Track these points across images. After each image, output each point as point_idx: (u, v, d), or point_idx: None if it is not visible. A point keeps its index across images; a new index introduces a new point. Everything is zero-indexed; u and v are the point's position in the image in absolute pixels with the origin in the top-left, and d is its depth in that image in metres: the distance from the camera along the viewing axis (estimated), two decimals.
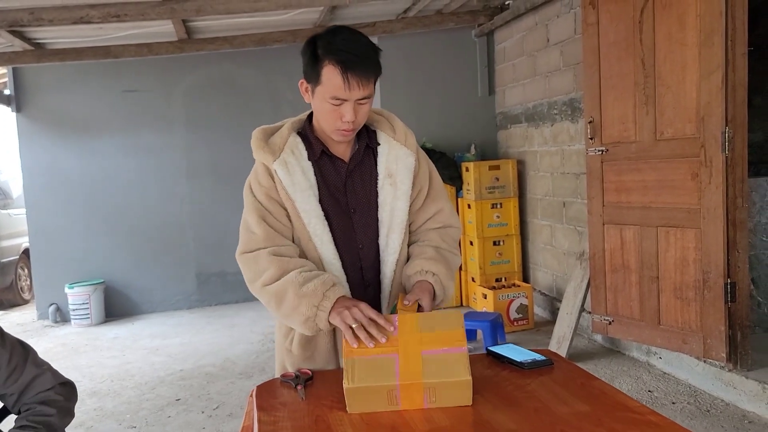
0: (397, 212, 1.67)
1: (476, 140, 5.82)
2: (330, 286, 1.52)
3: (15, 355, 1.57)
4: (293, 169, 1.61)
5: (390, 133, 1.70)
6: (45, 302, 6.24)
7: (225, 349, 4.89)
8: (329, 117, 1.56)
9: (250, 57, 6.05)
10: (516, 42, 5.43)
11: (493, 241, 5.38)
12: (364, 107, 1.56)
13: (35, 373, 1.58)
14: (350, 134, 1.60)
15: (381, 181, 1.68)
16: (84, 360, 4.84)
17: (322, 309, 1.50)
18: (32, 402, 1.57)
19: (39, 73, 5.97)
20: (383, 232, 1.68)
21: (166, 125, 6.28)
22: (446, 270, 1.66)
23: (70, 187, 6.18)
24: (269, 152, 1.61)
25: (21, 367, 1.56)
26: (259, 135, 1.65)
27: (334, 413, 1.37)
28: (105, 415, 3.66)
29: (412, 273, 1.65)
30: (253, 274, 1.59)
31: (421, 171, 1.73)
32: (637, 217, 3.55)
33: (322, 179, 1.65)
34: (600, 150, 3.70)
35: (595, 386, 1.48)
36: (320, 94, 1.54)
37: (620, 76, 3.55)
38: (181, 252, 6.39)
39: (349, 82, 1.49)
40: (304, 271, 1.55)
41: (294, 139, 1.65)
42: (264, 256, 1.57)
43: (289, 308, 1.53)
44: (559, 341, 4.13)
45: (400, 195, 1.67)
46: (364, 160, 1.69)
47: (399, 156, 1.69)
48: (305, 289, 1.51)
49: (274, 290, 1.55)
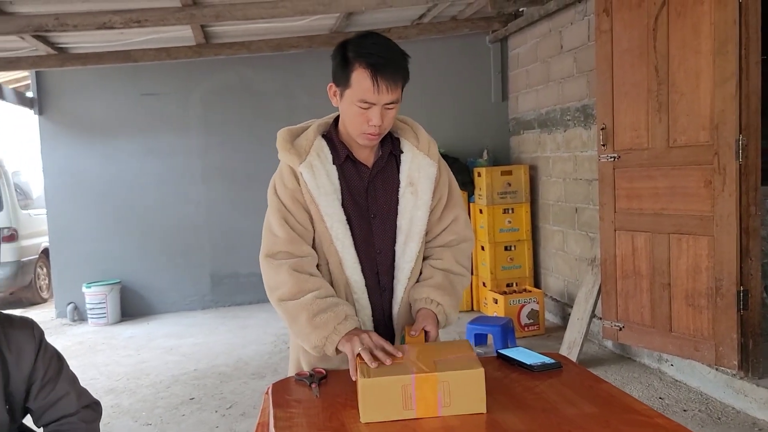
0: (416, 221, 1.71)
1: (489, 145, 5.85)
2: (342, 320, 1.57)
3: (51, 368, 1.58)
4: (318, 172, 1.64)
5: (414, 141, 1.73)
6: (63, 301, 6.35)
7: (238, 349, 4.95)
8: (356, 121, 1.59)
9: (267, 62, 6.12)
10: (530, 48, 5.46)
11: (504, 246, 5.40)
12: (390, 112, 1.60)
13: (62, 393, 1.59)
14: (376, 139, 1.63)
15: (402, 188, 1.71)
16: (101, 358, 4.92)
17: (331, 342, 1.57)
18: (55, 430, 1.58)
19: (61, 76, 6.08)
20: (401, 239, 1.71)
21: (183, 128, 6.36)
22: (451, 299, 1.72)
23: (88, 189, 6.29)
24: (295, 154, 1.64)
25: (53, 382, 1.58)
26: (285, 136, 1.68)
27: (348, 411, 1.42)
28: (121, 412, 3.73)
29: (418, 298, 1.71)
30: (273, 284, 1.65)
31: (442, 181, 1.76)
32: (648, 223, 3.57)
33: (346, 183, 1.68)
34: (612, 156, 3.72)
35: (603, 389, 1.51)
36: (349, 97, 1.58)
37: (633, 83, 3.57)
38: (196, 253, 6.46)
39: (379, 85, 1.53)
40: (320, 296, 1.59)
41: (320, 143, 1.68)
42: (285, 269, 1.61)
43: (301, 333, 1.61)
44: (569, 347, 4.14)
45: (421, 204, 1.71)
46: (386, 166, 1.72)
47: (421, 165, 1.72)
48: (318, 320, 1.57)
49: (289, 310, 1.61)
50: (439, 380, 1.35)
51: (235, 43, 5.41)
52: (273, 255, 1.65)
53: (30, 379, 1.55)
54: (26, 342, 1.54)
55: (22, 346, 1.53)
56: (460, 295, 1.79)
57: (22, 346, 1.53)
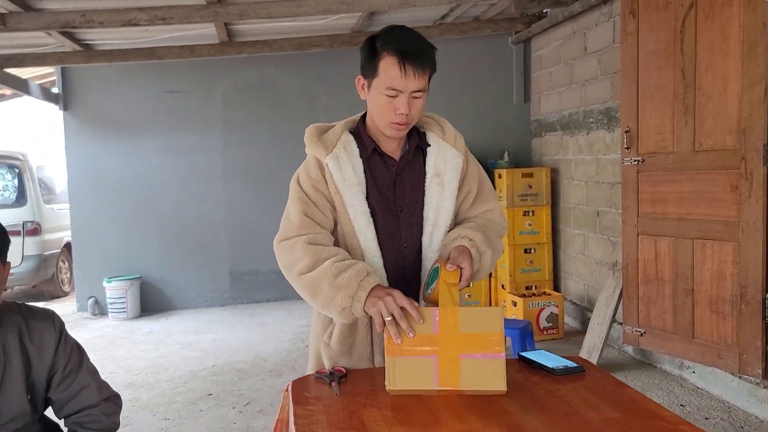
0: (442, 211, 1.71)
1: (510, 147, 5.82)
2: (364, 276, 1.54)
3: (72, 360, 1.60)
4: (344, 164, 1.66)
5: (440, 134, 1.75)
6: (84, 295, 6.42)
7: (256, 346, 4.97)
8: (384, 110, 1.60)
9: (288, 61, 6.15)
10: (553, 50, 5.41)
11: (524, 249, 5.37)
12: (418, 102, 1.61)
13: (83, 385, 1.60)
14: (403, 129, 1.64)
15: (429, 180, 1.72)
16: (120, 352, 4.97)
17: (357, 299, 1.53)
18: (77, 423, 1.60)
19: (85, 72, 6.15)
20: (427, 230, 1.71)
21: (204, 126, 6.41)
22: (483, 237, 1.66)
23: (110, 185, 6.36)
24: (322, 147, 1.66)
25: (74, 373, 1.60)
26: (313, 131, 1.71)
27: (369, 410, 1.41)
28: (140, 406, 3.77)
29: (449, 240, 1.67)
30: (289, 262, 1.63)
31: (470, 173, 1.77)
32: (672, 228, 3.52)
33: (372, 177, 1.69)
34: (636, 160, 3.67)
35: (626, 394, 1.49)
36: (376, 86, 1.60)
37: (659, 86, 3.52)
38: (215, 251, 6.51)
39: (406, 70, 1.55)
40: (338, 260, 1.58)
41: (347, 137, 1.70)
42: (299, 245, 1.61)
43: (325, 299, 1.56)
44: (589, 351, 4.10)
45: (447, 194, 1.71)
46: (413, 160, 1.73)
47: (447, 156, 1.73)
48: (340, 280, 1.54)
49: (309, 281, 1.58)
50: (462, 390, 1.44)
51: (258, 42, 5.44)
52: (287, 238, 1.65)
53: (51, 370, 1.57)
54: (48, 333, 1.56)
55: (44, 337, 1.55)
56: (494, 246, 1.70)
57: (43, 337, 1.55)
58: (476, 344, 1.44)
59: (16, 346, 1.51)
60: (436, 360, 1.44)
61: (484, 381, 1.43)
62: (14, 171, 7.35)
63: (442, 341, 1.44)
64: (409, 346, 1.44)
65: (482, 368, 1.43)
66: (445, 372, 1.43)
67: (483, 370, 1.43)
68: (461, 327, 1.44)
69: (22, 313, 1.56)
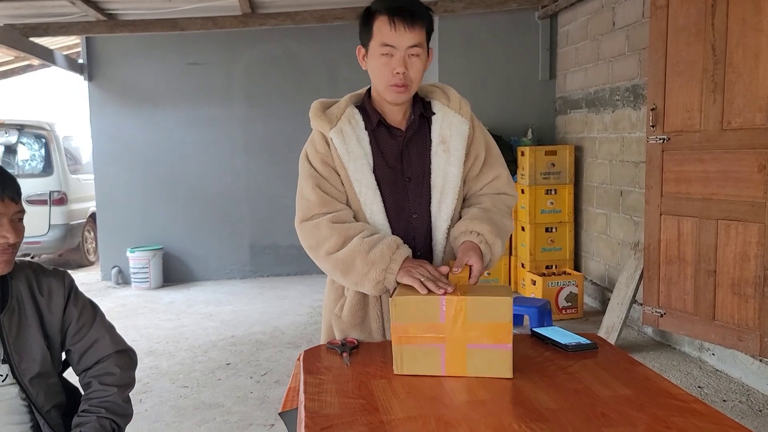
0: (450, 177, 1.70)
1: (533, 124, 5.73)
2: (395, 249, 1.56)
3: (84, 314, 1.64)
4: (349, 137, 1.66)
5: (444, 101, 1.74)
6: (108, 264, 6.54)
7: (275, 318, 5.03)
8: (382, 72, 1.61)
9: (310, 33, 6.11)
10: (580, 25, 5.29)
11: (545, 228, 5.32)
12: (415, 62, 1.61)
13: (97, 336, 1.64)
14: (404, 91, 1.62)
15: (434, 147, 1.71)
16: (142, 321, 5.06)
17: (390, 272, 1.55)
18: (92, 376, 1.63)
19: (110, 43, 6.19)
20: (435, 197, 1.70)
21: (226, 99, 6.43)
22: (491, 227, 1.65)
23: (134, 156, 6.43)
24: (326, 121, 1.67)
25: (88, 326, 1.63)
26: (318, 106, 1.72)
27: (378, 381, 1.42)
28: (160, 374, 3.84)
29: (457, 234, 1.67)
30: (316, 242, 1.64)
31: (476, 138, 1.75)
32: (696, 208, 3.45)
33: (378, 149, 1.69)
34: (661, 138, 3.59)
35: (639, 371, 1.47)
36: (373, 50, 1.61)
37: (688, 62, 3.42)
38: (236, 223, 6.57)
39: (395, 24, 1.56)
40: (366, 236, 1.59)
41: (351, 110, 1.70)
42: (325, 224, 1.61)
43: (359, 275, 1.58)
44: (607, 331, 4.07)
45: (453, 161, 1.70)
46: (420, 129, 1.72)
47: (452, 123, 1.71)
48: (372, 255, 1.55)
49: (341, 258, 1.59)
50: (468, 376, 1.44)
51: (281, 14, 5.40)
52: (308, 218, 1.65)
53: (64, 323, 1.62)
54: (57, 286, 1.60)
55: (53, 289, 1.60)
56: (503, 230, 1.70)
57: (52, 290, 1.60)
58: (484, 334, 1.42)
59: (28, 296, 1.57)
60: (443, 348, 1.43)
61: (491, 369, 1.43)
62: (41, 141, 7.45)
63: (449, 330, 1.43)
64: (416, 334, 1.43)
65: (489, 357, 1.42)
66: (452, 360, 1.43)
67: (489, 359, 1.42)
68: (469, 316, 1.42)
69: (33, 269, 1.61)
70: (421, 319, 1.43)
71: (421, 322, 1.43)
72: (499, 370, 1.43)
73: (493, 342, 1.42)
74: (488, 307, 1.42)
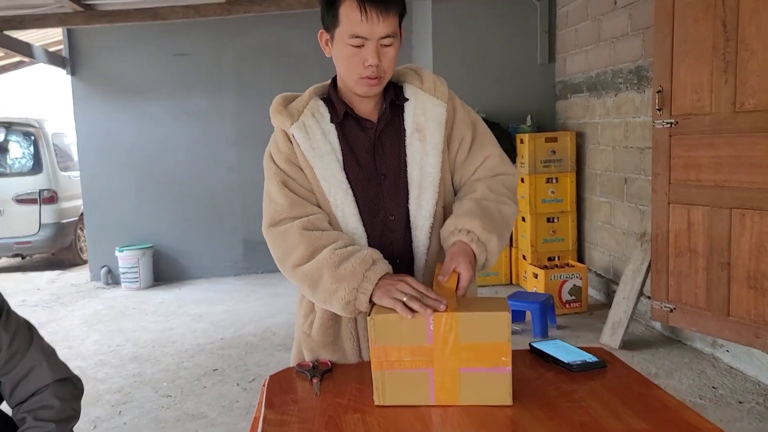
0: (427, 168, 1.48)
1: (533, 110, 5.50)
2: (370, 265, 1.33)
3: (17, 338, 1.44)
4: (313, 132, 1.46)
5: (418, 84, 1.53)
6: (98, 264, 6.35)
7: (266, 318, 4.84)
8: (351, 64, 1.40)
9: (299, 20, 5.87)
10: (580, 5, 5.05)
11: (546, 218, 5.10)
12: (388, 51, 1.40)
13: (33, 364, 1.44)
14: (376, 84, 1.42)
15: (409, 137, 1.50)
16: (130, 323, 4.87)
17: (363, 291, 1.32)
18: (26, 411, 1.43)
19: (92, 36, 5.97)
20: (414, 193, 1.48)
21: (216, 90, 6.21)
22: (482, 222, 1.40)
23: (121, 151, 6.22)
24: (287, 116, 1.47)
25: (22, 352, 1.44)
26: (279, 101, 1.52)
27: (349, 416, 1.21)
28: (143, 382, 3.65)
29: (445, 234, 1.43)
30: (282, 252, 1.43)
31: (458, 119, 1.53)
32: (707, 196, 3.23)
33: (347, 143, 1.48)
34: (669, 122, 3.37)
35: (656, 398, 1.26)
36: (339, 37, 1.39)
37: (696, 40, 3.19)
38: (229, 219, 6.36)
39: (368, 12, 1.34)
40: (339, 247, 1.37)
41: (315, 103, 1.50)
42: (294, 231, 1.41)
43: (326, 292, 1.36)
44: (613, 327, 3.86)
45: (430, 150, 1.48)
46: (392, 119, 1.51)
47: (427, 107, 1.50)
48: (342, 271, 1.33)
49: (308, 272, 1.38)
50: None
51: (265, 0, 5.16)
52: (276, 223, 1.45)
53: None
54: None
55: None
56: (501, 221, 1.45)
57: None
58: (478, 356, 1.21)
59: None
60: (431, 374, 1.22)
61: (487, 396, 1.22)
62: (30, 138, 7.26)
63: (438, 353, 1.21)
64: (399, 359, 1.22)
65: (485, 382, 1.21)
66: (441, 387, 1.22)
67: (486, 385, 1.21)
68: (461, 336, 1.21)
69: None
70: (404, 340, 1.22)
71: (404, 343, 1.22)
72: (497, 397, 1.22)
73: (489, 365, 1.21)
74: (482, 324, 1.21)
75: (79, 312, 5.25)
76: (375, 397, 1.25)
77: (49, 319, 5.09)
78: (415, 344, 1.22)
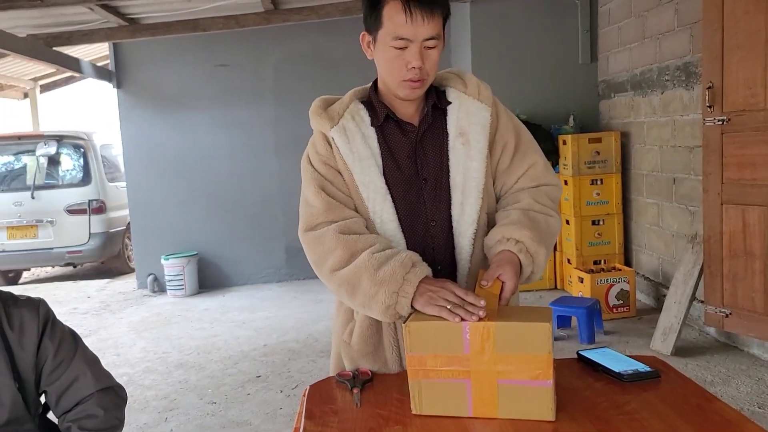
0: (471, 173, 1.44)
1: (575, 111, 5.38)
2: (410, 268, 1.30)
3: (63, 348, 1.46)
4: (353, 136, 1.44)
5: (461, 88, 1.49)
6: (144, 272, 6.48)
7: (309, 324, 4.85)
8: (394, 66, 1.37)
9: (337, 27, 5.89)
10: (623, 2, 4.92)
11: (591, 221, 4.98)
12: (432, 53, 1.37)
13: (77, 373, 1.46)
14: (419, 86, 1.39)
15: (452, 141, 1.46)
16: (175, 330, 4.95)
17: (404, 295, 1.28)
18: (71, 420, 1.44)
19: (136, 49, 6.11)
20: (456, 198, 1.44)
21: (256, 99, 6.29)
22: (532, 233, 1.36)
23: (165, 161, 6.35)
24: (327, 119, 1.45)
25: (67, 362, 1.46)
26: (319, 103, 1.51)
27: (391, 427, 1.18)
28: (188, 389, 3.69)
29: (492, 243, 1.39)
30: (319, 257, 1.41)
31: (502, 125, 1.49)
32: (764, 196, 3.09)
33: (387, 147, 1.45)
34: (720, 120, 3.24)
35: (715, 410, 1.19)
36: (382, 39, 1.37)
37: (748, 34, 3.06)
38: (270, 226, 6.42)
39: (412, 13, 1.32)
40: (377, 250, 1.34)
41: (356, 106, 1.48)
42: (330, 236, 1.38)
43: (366, 297, 1.33)
44: (665, 333, 3.73)
45: (474, 154, 1.44)
46: (434, 123, 1.48)
47: (471, 111, 1.47)
48: (382, 273, 1.30)
49: (346, 277, 1.36)
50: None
51: (304, 8, 5.20)
52: (313, 227, 1.43)
53: (39, 360, 1.44)
54: (29, 319, 1.43)
55: (25, 323, 1.43)
56: (548, 233, 1.42)
57: (24, 323, 1.43)
58: (517, 368, 1.16)
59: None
60: (469, 384, 1.18)
61: (528, 410, 1.17)
62: (79, 151, 7.48)
63: (475, 362, 1.17)
64: (435, 367, 1.18)
65: (525, 395, 1.16)
66: (480, 399, 1.18)
67: (526, 398, 1.16)
68: (498, 346, 1.16)
69: (2, 299, 1.44)
70: (440, 349, 1.19)
71: (440, 352, 1.19)
72: (539, 412, 1.17)
73: (529, 377, 1.16)
74: (521, 334, 1.16)
75: (127, 319, 5.37)
76: (412, 406, 1.22)
77: (99, 327, 5.22)
78: (452, 353, 1.18)
